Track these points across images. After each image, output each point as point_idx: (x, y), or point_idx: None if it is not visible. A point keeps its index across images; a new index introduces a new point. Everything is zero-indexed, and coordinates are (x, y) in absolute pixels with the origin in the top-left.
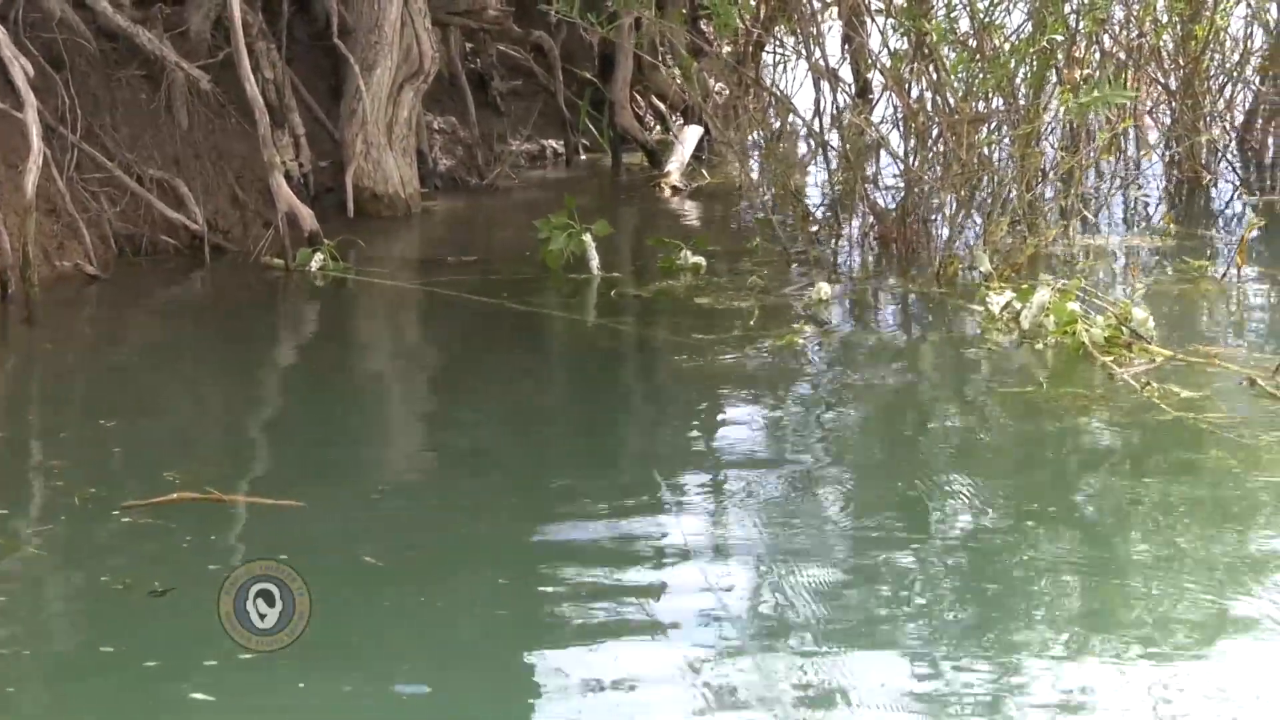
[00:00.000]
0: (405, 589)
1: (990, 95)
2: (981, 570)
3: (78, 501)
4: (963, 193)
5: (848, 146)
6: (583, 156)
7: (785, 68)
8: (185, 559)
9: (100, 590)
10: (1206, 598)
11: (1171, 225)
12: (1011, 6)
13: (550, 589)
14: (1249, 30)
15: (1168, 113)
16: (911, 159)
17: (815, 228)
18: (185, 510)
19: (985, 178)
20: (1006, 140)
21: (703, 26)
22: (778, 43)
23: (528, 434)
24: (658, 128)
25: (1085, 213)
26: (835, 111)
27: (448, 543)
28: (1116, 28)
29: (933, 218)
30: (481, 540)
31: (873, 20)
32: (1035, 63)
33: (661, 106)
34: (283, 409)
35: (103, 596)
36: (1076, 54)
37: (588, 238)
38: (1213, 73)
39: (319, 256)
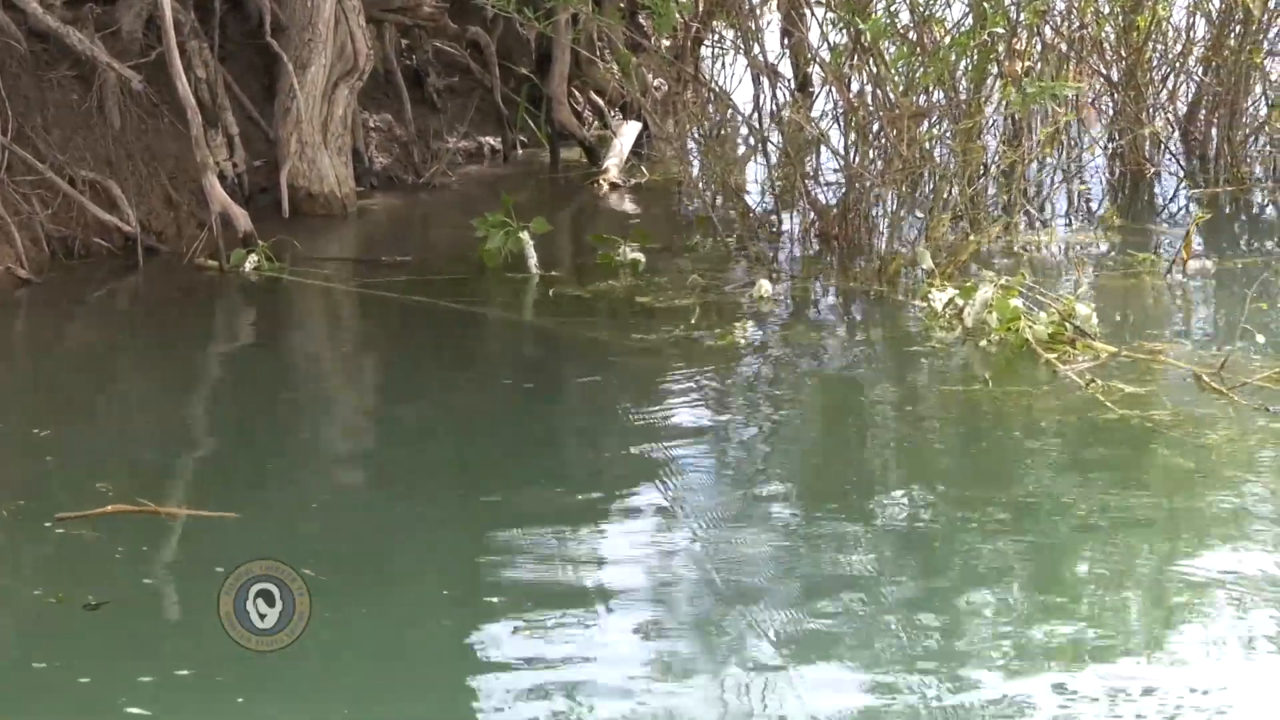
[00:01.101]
0: (346, 601)
1: (931, 89)
2: (923, 571)
3: (7, 514)
4: (904, 188)
5: (788, 142)
6: (520, 153)
7: (724, 63)
8: (120, 572)
9: (33, 604)
10: (1151, 594)
11: (1115, 219)
12: None
13: (495, 599)
14: (1191, 20)
15: (1110, 105)
16: (852, 154)
17: (756, 224)
18: (120, 522)
19: (927, 173)
20: (948, 135)
21: (641, 21)
22: (717, 37)
23: (467, 439)
24: (596, 123)
25: (1028, 207)
26: (775, 107)
27: (389, 553)
28: (1058, 19)
29: (874, 214)
30: (423, 550)
31: (812, 14)
32: (976, 56)
33: (600, 102)
34: (217, 416)
35: (35, 611)
36: (1018, 47)
37: (525, 236)
38: (1155, 64)
39: (253, 257)
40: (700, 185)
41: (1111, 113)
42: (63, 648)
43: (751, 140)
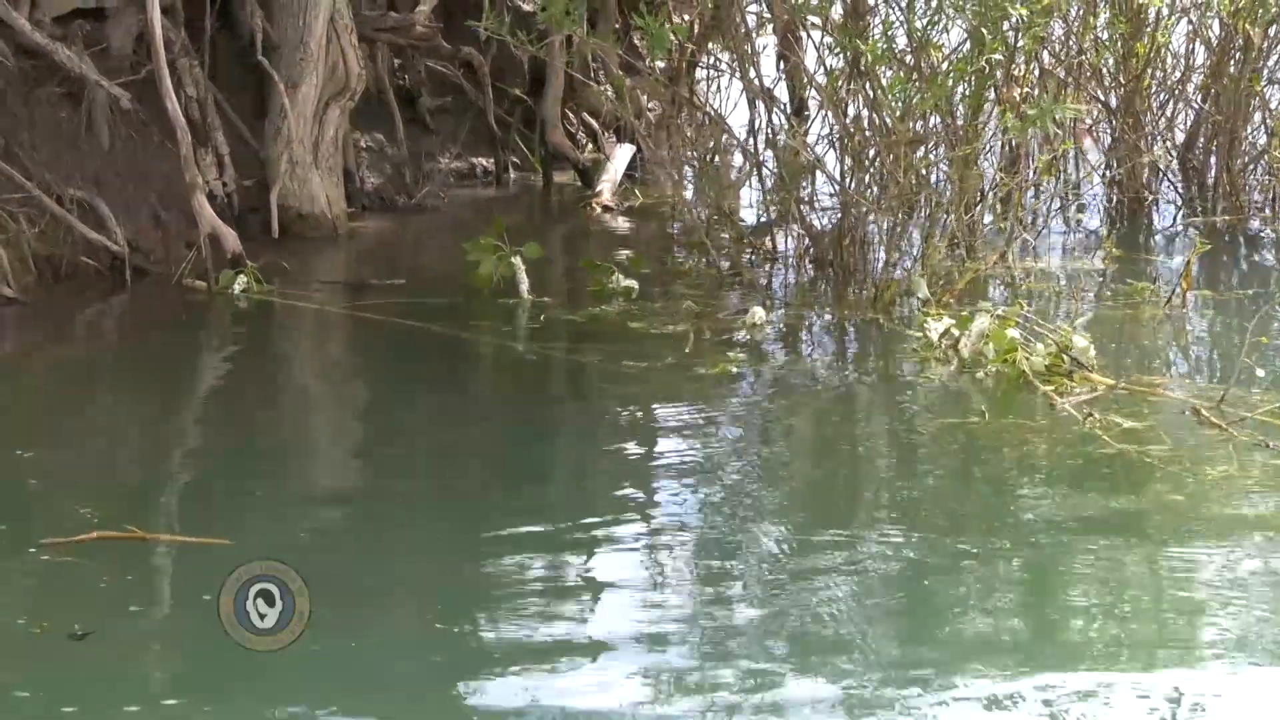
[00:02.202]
0: (336, 633)
1: (928, 115)
2: (917, 607)
3: None
4: (900, 215)
5: (783, 167)
6: (513, 175)
7: (719, 86)
8: (106, 600)
9: (16, 633)
10: (1149, 629)
11: (1113, 248)
12: (949, 24)
13: (486, 633)
14: (1191, 47)
15: (1108, 132)
16: (848, 180)
17: (750, 250)
18: (106, 548)
19: (923, 200)
20: (944, 161)
21: (636, 43)
22: (712, 61)
23: (458, 468)
24: (590, 146)
25: (1025, 235)
26: (770, 131)
27: (379, 584)
28: (1056, 46)
29: (869, 240)
30: (414, 581)
31: (809, 38)
32: (973, 82)
33: (594, 124)
34: (205, 440)
35: (19, 639)
36: (1016, 73)
37: (517, 260)
38: (1154, 91)
39: (242, 279)
40: (694, 209)
41: (1110, 140)
42: (47, 677)
43: (746, 164)
